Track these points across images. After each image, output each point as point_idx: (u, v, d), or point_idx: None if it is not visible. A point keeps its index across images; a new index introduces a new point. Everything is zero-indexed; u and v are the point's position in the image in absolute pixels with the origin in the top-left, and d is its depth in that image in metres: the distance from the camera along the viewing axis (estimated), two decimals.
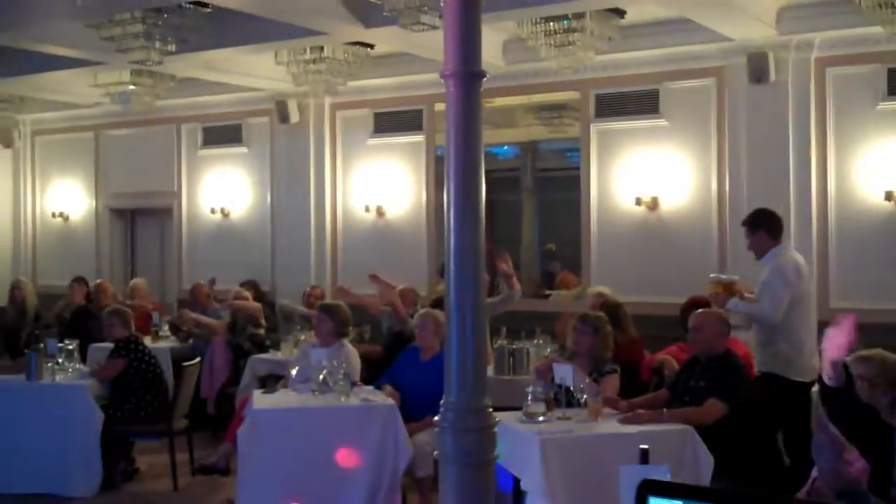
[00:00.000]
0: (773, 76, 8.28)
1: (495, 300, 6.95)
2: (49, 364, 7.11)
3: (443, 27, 4.57)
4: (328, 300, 8.32)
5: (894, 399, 3.82)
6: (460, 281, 4.41)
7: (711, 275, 6.68)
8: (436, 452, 4.44)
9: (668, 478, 2.89)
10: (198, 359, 7.93)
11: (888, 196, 8.01)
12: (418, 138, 10.43)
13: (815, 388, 4.30)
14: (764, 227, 6.19)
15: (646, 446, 3.16)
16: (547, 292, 10.20)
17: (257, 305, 9.28)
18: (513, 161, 12.91)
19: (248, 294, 9.48)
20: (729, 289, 6.18)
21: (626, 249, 9.19)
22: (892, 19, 6.84)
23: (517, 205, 12.56)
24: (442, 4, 4.52)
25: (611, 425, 5.20)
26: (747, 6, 7.72)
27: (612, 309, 7.16)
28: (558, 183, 11.78)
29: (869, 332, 6.82)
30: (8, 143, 13.26)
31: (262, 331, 8.98)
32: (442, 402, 4.40)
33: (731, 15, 7.76)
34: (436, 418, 4.44)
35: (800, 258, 6.32)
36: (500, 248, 8.48)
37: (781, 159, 8.33)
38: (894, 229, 8.02)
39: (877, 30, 7.22)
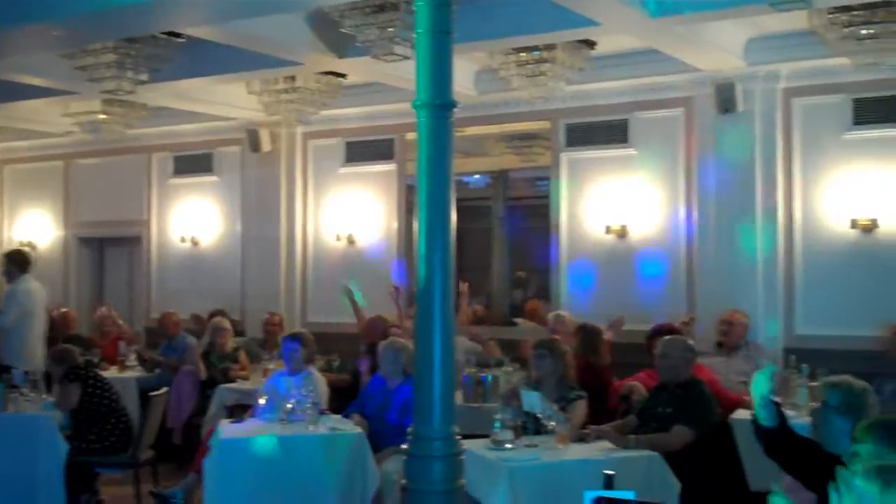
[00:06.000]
0: (740, 106, 8.36)
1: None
2: (14, 395, 7.02)
3: (414, 58, 4.61)
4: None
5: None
6: (428, 307, 4.43)
7: None
8: (403, 480, 4.44)
9: None
10: (164, 388, 7.86)
11: (853, 224, 8.10)
12: (390, 167, 10.46)
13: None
14: (15, 263, 8.68)
15: (611, 472, 3.16)
16: (515, 320, 10.21)
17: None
18: (484, 190, 12.97)
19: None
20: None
21: (596, 277, 9.22)
22: (857, 51, 6.94)
23: (488, 233, 12.59)
24: (414, 35, 4.57)
25: (578, 452, 5.20)
26: (715, 37, 7.81)
27: (590, 333, 7.27)
28: (529, 211, 11.83)
29: (834, 358, 6.98)
30: None
31: (237, 366, 8.90)
32: (409, 429, 4.40)
33: (699, 46, 7.84)
34: (403, 446, 4.44)
35: (34, 285, 8.67)
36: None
37: (749, 188, 8.40)
38: (859, 257, 8.10)
39: (842, 61, 7.32)
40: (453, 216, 4.61)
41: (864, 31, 6.75)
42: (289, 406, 6.11)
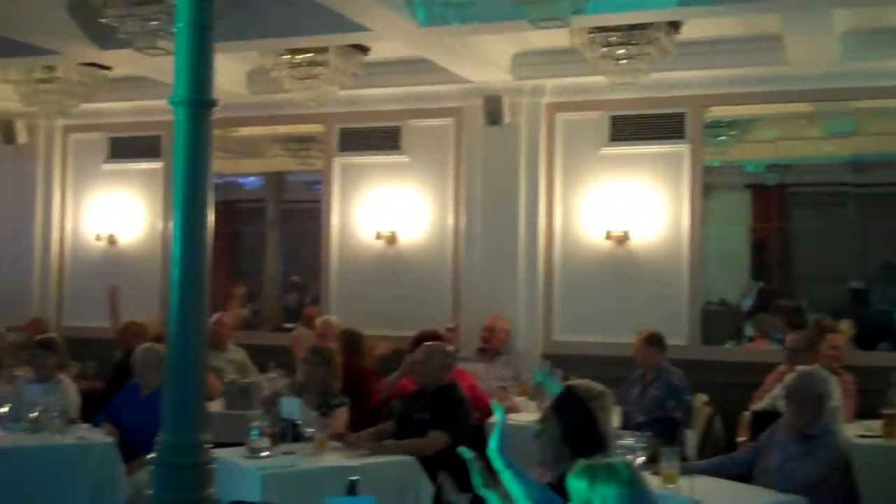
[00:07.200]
0: (507, 118, 8.62)
1: None
2: None
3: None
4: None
5: None
6: (182, 312, 4.28)
7: None
8: (149, 491, 4.28)
9: None
10: None
11: (608, 235, 8.51)
12: (156, 165, 10.14)
13: None
14: None
15: (356, 477, 3.17)
16: (287, 325, 10.10)
17: None
18: (259, 191, 12.76)
19: None
20: None
21: (366, 283, 9.27)
22: (613, 70, 7.30)
23: (262, 236, 12.38)
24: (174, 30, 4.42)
25: (335, 458, 5.20)
26: (484, 51, 8.02)
27: (353, 338, 7.30)
28: (304, 215, 11.73)
29: (588, 364, 7.30)
30: None
31: None
32: (157, 438, 4.24)
33: (468, 58, 8.02)
34: (150, 455, 4.28)
35: None
36: None
37: (513, 198, 8.67)
38: (612, 267, 8.52)
39: (601, 79, 7.65)
40: (211, 217, 4.48)
41: (620, 52, 7.11)
42: (34, 415, 5.82)
